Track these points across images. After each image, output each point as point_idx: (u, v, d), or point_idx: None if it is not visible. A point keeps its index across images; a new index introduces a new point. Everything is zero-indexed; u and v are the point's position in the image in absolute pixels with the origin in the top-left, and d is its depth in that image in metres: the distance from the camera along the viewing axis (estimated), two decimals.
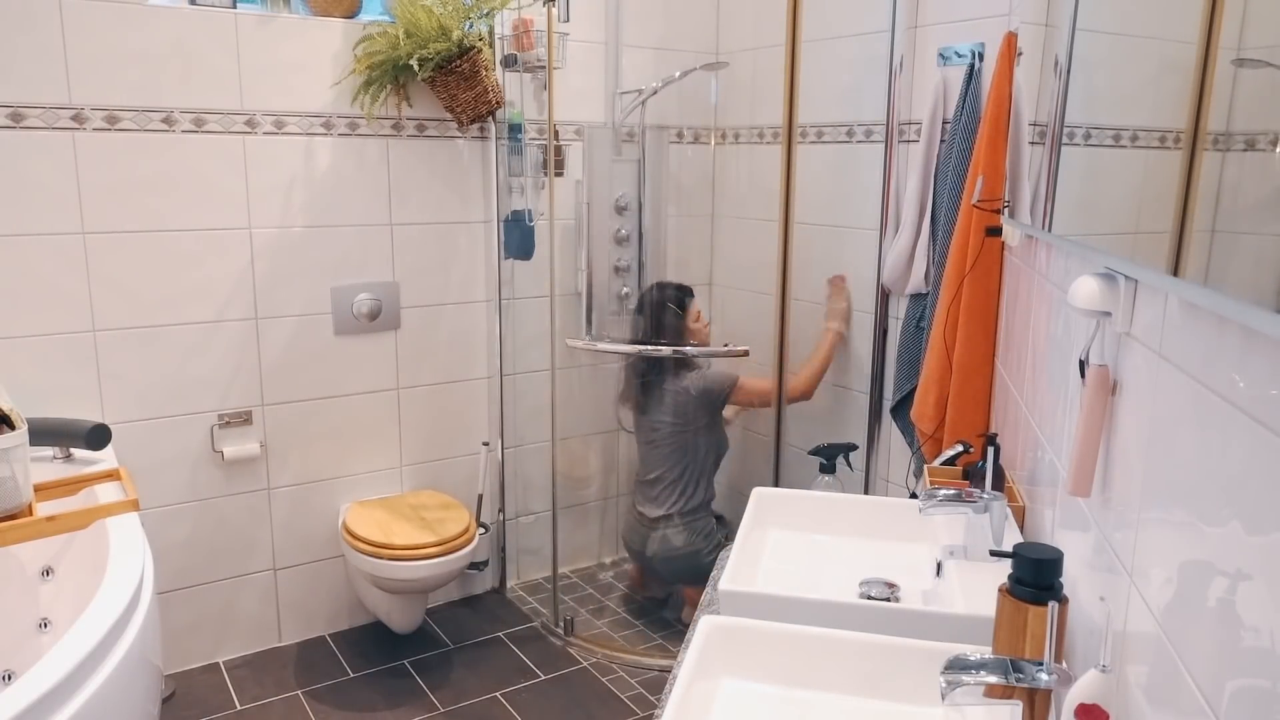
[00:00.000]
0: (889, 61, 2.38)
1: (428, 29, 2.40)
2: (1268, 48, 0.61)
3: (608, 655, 2.64)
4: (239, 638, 2.63)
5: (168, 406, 2.41)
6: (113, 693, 1.35)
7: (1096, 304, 0.95)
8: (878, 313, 2.54)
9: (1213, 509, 0.70)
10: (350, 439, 2.70)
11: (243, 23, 2.35)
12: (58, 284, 2.23)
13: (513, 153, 2.76)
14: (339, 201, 2.56)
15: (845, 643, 1.16)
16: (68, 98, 2.18)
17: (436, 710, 2.38)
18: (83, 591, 1.61)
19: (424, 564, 2.38)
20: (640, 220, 2.94)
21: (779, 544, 1.58)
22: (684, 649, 1.19)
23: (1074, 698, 0.84)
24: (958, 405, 2.03)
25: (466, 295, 2.82)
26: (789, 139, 2.29)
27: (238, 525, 2.57)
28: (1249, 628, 0.63)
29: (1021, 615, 0.99)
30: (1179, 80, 0.76)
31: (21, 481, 1.75)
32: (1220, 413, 0.70)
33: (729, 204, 3.16)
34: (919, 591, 1.40)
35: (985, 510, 1.37)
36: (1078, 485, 1.00)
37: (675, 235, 3.14)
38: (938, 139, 2.27)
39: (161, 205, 2.32)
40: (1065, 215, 1.17)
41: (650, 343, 2.80)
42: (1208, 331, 0.74)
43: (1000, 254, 1.96)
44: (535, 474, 3.03)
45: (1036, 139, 1.37)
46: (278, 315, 2.53)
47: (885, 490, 2.59)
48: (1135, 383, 0.92)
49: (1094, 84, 1.09)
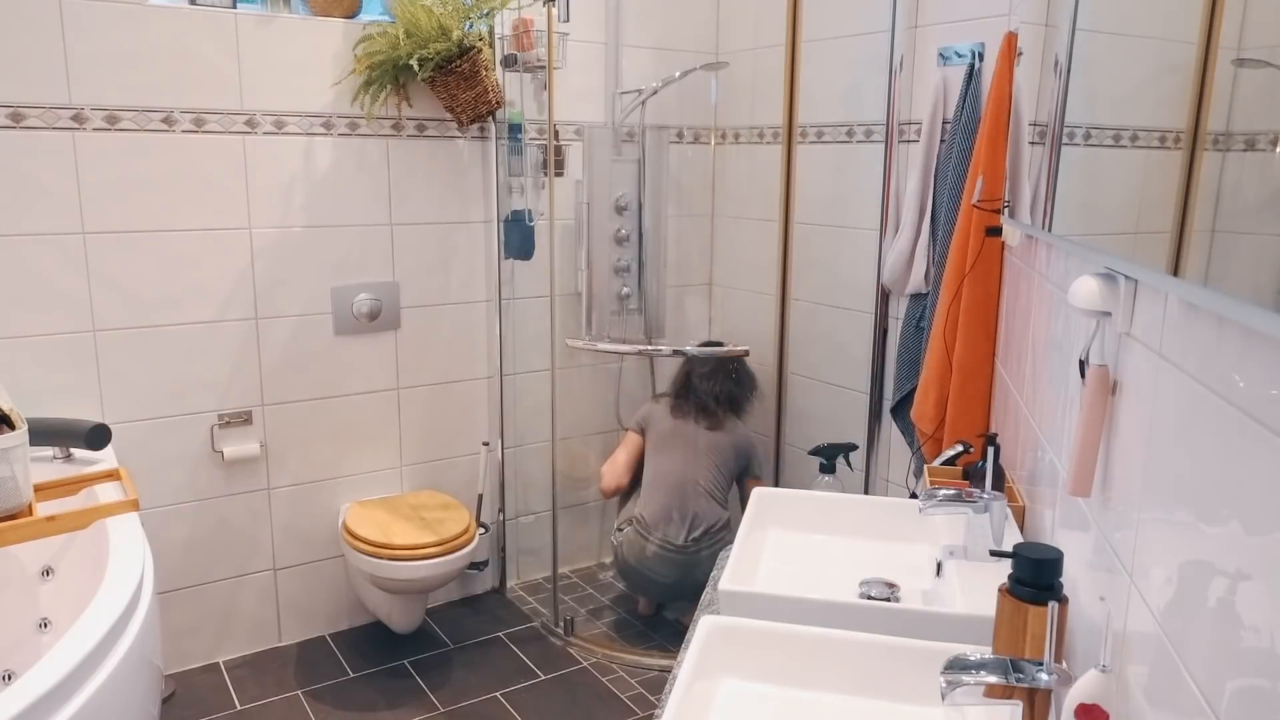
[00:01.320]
0: (889, 61, 2.38)
1: (428, 29, 2.40)
2: (1268, 48, 0.61)
3: (608, 655, 2.64)
4: (239, 638, 2.63)
5: (168, 406, 2.41)
6: (113, 693, 1.35)
7: (1096, 304, 0.95)
8: (878, 313, 2.54)
9: (1213, 509, 0.70)
10: (350, 439, 2.70)
11: (243, 23, 2.35)
12: (58, 284, 2.23)
13: (513, 153, 2.76)
14: (339, 201, 2.56)
15: (845, 643, 1.16)
16: (68, 98, 2.18)
17: (436, 710, 2.38)
18: (83, 591, 1.61)
19: (424, 564, 2.38)
20: (640, 220, 2.94)
21: (779, 544, 1.58)
22: (684, 649, 1.19)
23: (1074, 698, 0.84)
24: (958, 405, 2.03)
25: (466, 295, 2.82)
26: (789, 139, 2.29)
27: (238, 525, 2.57)
28: (1249, 628, 0.63)
29: (1021, 615, 0.99)
30: (1179, 80, 0.76)
31: (21, 481, 1.75)
32: (1220, 413, 0.70)
33: (729, 204, 3.16)
34: (919, 591, 1.40)
35: (985, 510, 1.37)
36: (1078, 485, 1.00)
37: (675, 235, 3.14)
38: (938, 139, 2.27)
39: (161, 205, 2.32)
40: (1065, 215, 1.17)
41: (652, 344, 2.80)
42: (1208, 331, 0.74)
43: (1000, 254, 1.96)
44: (535, 474, 3.03)
45: (1036, 139, 1.37)
46: (278, 315, 2.53)
47: (885, 490, 2.59)
48: (1135, 383, 0.92)
49: (1094, 84, 1.09)
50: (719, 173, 3.19)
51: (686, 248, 3.20)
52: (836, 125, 2.66)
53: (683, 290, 3.24)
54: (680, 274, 3.21)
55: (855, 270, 2.64)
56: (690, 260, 3.22)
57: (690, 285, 3.26)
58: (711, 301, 3.28)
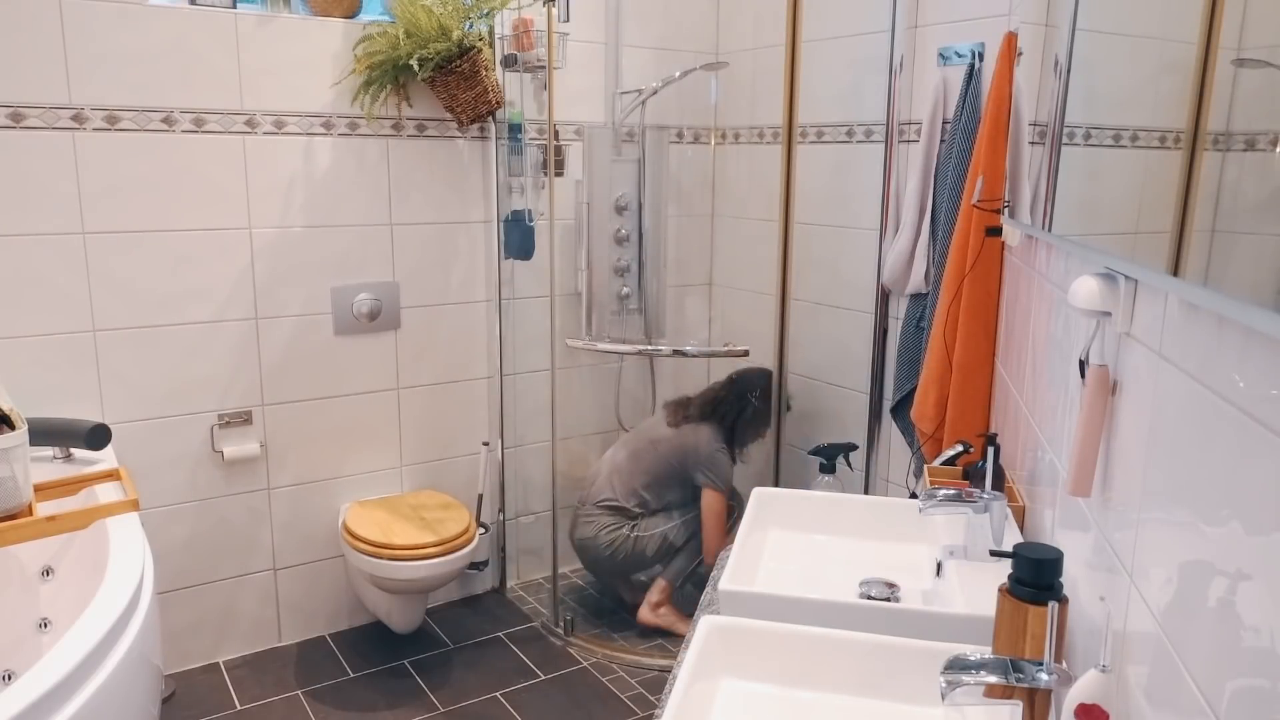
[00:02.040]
0: (889, 61, 2.38)
1: (428, 29, 2.40)
2: (1268, 48, 0.61)
3: (608, 655, 2.64)
4: (239, 638, 2.63)
5: (168, 406, 2.41)
6: (113, 693, 1.35)
7: (1096, 304, 0.95)
8: (878, 313, 2.54)
9: (1213, 509, 0.70)
10: (350, 439, 2.70)
11: (243, 23, 2.35)
12: (58, 284, 2.23)
13: (513, 153, 2.76)
14: (339, 201, 2.56)
15: (845, 643, 1.16)
16: (68, 98, 2.18)
17: (436, 710, 2.38)
18: (83, 591, 1.61)
19: (424, 564, 2.38)
20: (640, 220, 2.94)
21: (779, 544, 1.58)
22: (684, 649, 1.19)
23: (1074, 698, 0.84)
24: (958, 405, 2.03)
25: (466, 295, 2.82)
26: (789, 139, 2.29)
27: (238, 525, 2.57)
28: (1249, 628, 0.63)
29: (1021, 615, 0.99)
30: (1179, 80, 0.76)
31: (21, 481, 1.75)
32: (1220, 413, 0.70)
33: (729, 204, 3.17)
34: (919, 591, 1.40)
35: (985, 510, 1.37)
36: (1078, 485, 1.00)
37: (675, 235, 3.14)
38: (938, 139, 2.27)
39: (161, 205, 2.32)
40: (1065, 215, 1.17)
41: (652, 344, 2.80)
42: (1208, 331, 0.74)
43: (1000, 254, 1.96)
44: (535, 474, 3.03)
45: (1036, 139, 1.37)
46: (278, 315, 2.53)
47: (885, 490, 2.59)
48: (1135, 383, 0.92)
49: (1094, 84, 1.09)
50: (719, 173, 3.19)
51: (686, 248, 3.20)
52: (836, 125, 2.66)
53: (683, 290, 3.24)
54: (680, 274, 3.21)
55: (855, 270, 2.64)
56: (690, 260, 3.23)
57: (690, 285, 3.26)
58: (711, 301, 3.28)
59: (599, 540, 2.72)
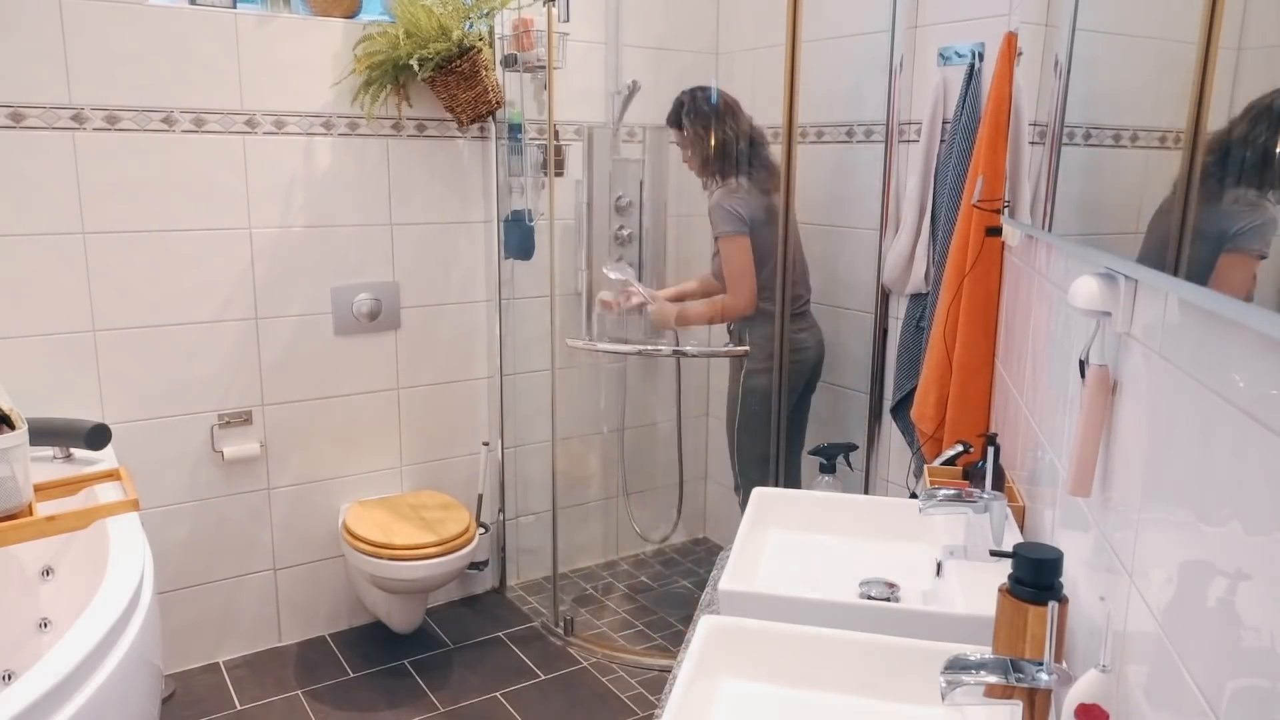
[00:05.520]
0: (889, 61, 2.38)
1: (428, 29, 2.40)
2: (1268, 48, 0.61)
3: (608, 655, 2.64)
4: (239, 638, 2.63)
5: (168, 406, 2.41)
6: (113, 693, 1.35)
7: (1096, 304, 0.95)
8: (878, 313, 2.54)
9: (1213, 509, 0.70)
10: (350, 439, 2.70)
11: (242, 23, 2.35)
12: (58, 284, 2.23)
13: (513, 153, 2.76)
14: (339, 201, 2.56)
15: (845, 643, 1.16)
16: (68, 98, 2.18)
17: (436, 710, 2.38)
18: (83, 591, 1.61)
19: (424, 564, 2.38)
20: (640, 220, 2.94)
21: (779, 544, 1.58)
22: (684, 649, 1.19)
23: (1074, 698, 0.84)
24: (958, 405, 2.03)
25: (466, 295, 2.82)
26: (789, 139, 2.29)
27: (238, 525, 2.57)
28: (1249, 628, 0.63)
29: (1021, 615, 0.99)
30: (1179, 80, 0.76)
31: (21, 481, 1.75)
32: (1220, 413, 0.70)
33: None
34: (919, 591, 1.40)
35: (985, 510, 1.37)
36: (1078, 485, 1.00)
37: (675, 235, 3.13)
38: (938, 139, 2.27)
39: (161, 205, 2.32)
40: (1065, 215, 1.17)
41: (652, 344, 2.80)
42: (1208, 331, 0.74)
43: (1000, 254, 1.96)
44: (535, 474, 3.03)
45: (1036, 139, 1.37)
46: (278, 315, 2.53)
47: (885, 490, 2.59)
48: (1135, 383, 0.92)
49: (1094, 84, 1.09)
50: None
51: (686, 248, 3.20)
52: (836, 125, 2.66)
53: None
54: (680, 274, 3.20)
55: (855, 270, 2.64)
56: (690, 260, 3.22)
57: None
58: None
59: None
